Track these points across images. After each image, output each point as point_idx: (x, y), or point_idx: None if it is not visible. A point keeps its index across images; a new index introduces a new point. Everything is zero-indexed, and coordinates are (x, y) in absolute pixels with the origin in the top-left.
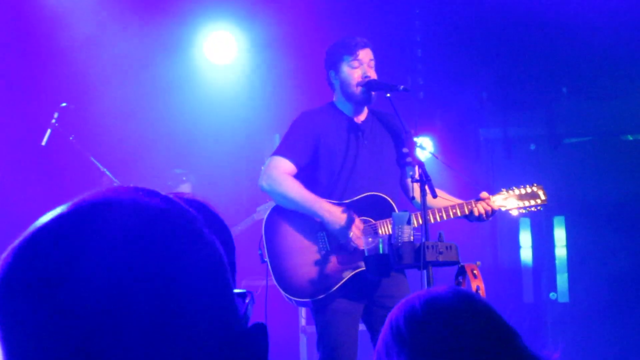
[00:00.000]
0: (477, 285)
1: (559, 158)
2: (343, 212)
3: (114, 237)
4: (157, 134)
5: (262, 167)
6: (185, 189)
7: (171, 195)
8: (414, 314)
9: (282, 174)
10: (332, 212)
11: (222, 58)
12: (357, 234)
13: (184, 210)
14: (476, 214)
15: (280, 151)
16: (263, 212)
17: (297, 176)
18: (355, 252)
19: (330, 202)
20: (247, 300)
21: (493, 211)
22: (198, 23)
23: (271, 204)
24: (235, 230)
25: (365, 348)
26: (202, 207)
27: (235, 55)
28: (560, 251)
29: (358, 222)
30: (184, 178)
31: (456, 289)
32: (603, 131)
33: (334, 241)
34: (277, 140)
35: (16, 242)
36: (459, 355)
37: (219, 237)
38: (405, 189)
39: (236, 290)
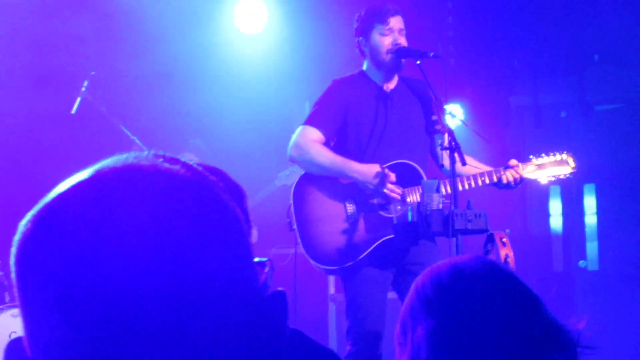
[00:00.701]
0: (505, 253)
1: (590, 125)
2: (374, 169)
3: (136, 204)
4: (185, 103)
5: (292, 136)
6: (188, 156)
7: (192, 163)
8: (441, 281)
9: (311, 141)
10: (364, 172)
11: (252, 27)
12: (391, 187)
13: (205, 177)
14: (505, 181)
15: (310, 120)
16: (284, 178)
17: (327, 143)
18: (383, 219)
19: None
20: (266, 270)
21: (522, 179)
22: None
23: (293, 170)
24: (257, 198)
25: (395, 315)
26: (221, 175)
27: (265, 23)
28: (591, 219)
29: (392, 176)
30: (191, 145)
31: (481, 258)
32: (634, 98)
33: (362, 209)
34: (307, 109)
35: (35, 210)
36: (484, 321)
37: (239, 205)
38: (435, 157)
39: (256, 259)
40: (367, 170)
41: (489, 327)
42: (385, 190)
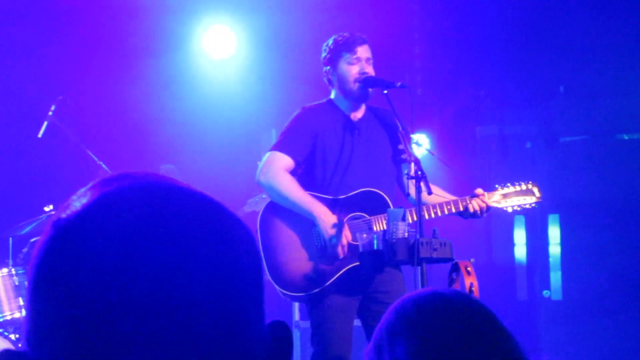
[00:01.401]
0: (470, 282)
1: (555, 156)
2: (334, 217)
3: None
4: (154, 128)
5: (259, 162)
6: None
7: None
8: (423, 303)
9: (279, 169)
10: (326, 218)
11: (221, 52)
12: (342, 242)
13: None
14: (471, 210)
15: (279, 146)
16: (253, 204)
17: (294, 171)
18: (350, 248)
19: (325, 199)
20: None
21: (488, 208)
22: (196, 17)
23: (262, 197)
24: None
25: (359, 343)
26: None
27: (234, 49)
28: (554, 249)
29: (347, 233)
30: (162, 171)
31: (460, 291)
32: (599, 130)
33: (324, 240)
34: (274, 135)
35: (44, 235)
36: (453, 356)
37: None
38: (401, 186)
39: None
40: (329, 219)
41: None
42: (336, 245)
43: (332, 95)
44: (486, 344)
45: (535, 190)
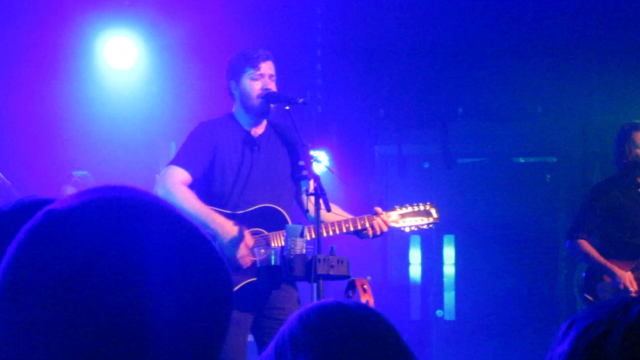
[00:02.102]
0: (366, 299)
1: (452, 177)
2: (235, 228)
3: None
4: (53, 137)
5: (157, 176)
6: (69, 190)
7: None
8: (312, 322)
9: (177, 183)
10: (225, 228)
11: (122, 63)
12: (243, 252)
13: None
14: (369, 230)
15: (177, 161)
16: None
17: (193, 186)
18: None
19: (224, 213)
20: None
21: (386, 227)
22: (99, 27)
23: None
24: None
25: (253, 358)
26: None
27: (135, 60)
28: (449, 269)
29: (248, 240)
30: (74, 178)
31: (358, 303)
32: (496, 153)
33: (225, 251)
34: (173, 149)
35: (15, 244)
36: None
37: None
38: (300, 202)
39: None
40: (229, 228)
41: None
42: (237, 254)
43: (234, 110)
44: (388, 356)
45: (433, 211)
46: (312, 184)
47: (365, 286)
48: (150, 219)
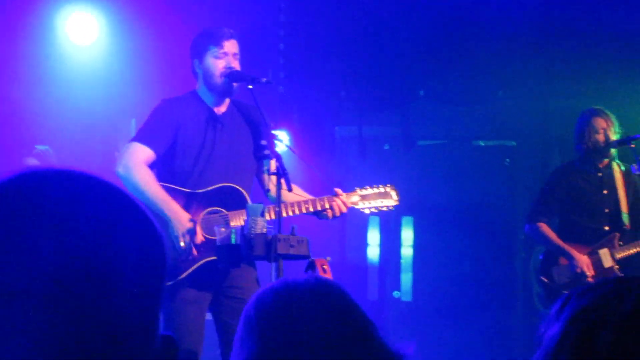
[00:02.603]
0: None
1: (412, 159)
2: (188, 223)
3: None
4: (16, 113)
5: (117, 153)
6: (31, 162)
7: None
8: (266, 303)
9: (138, 162)
10: (179, 218)
11: (84, 39)
12: (187, 248)
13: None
14: (328, 211)
15: (139, 137)
16: None
17: (154, 163)
18: (206, 242)
19: (183, 192)
20: None
21: (345, 208)
22: (60, 2)
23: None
24: None
25: (211, 337)
26: None
27: (97, 36)
28: (407, 251)
29: (199, 235)
30: (36, 151)
31: (313, 278)
32: (456, 135)
33: (174, 241)
34: (133, 125)
35: None
36: (314, 345)
37: None
38: (261, 182)
39: None
40: (182, 218)
41: (320, 351)
42: (182, 245)
43: (197, 88)
44: (343, 324)
45: (393, 193)
46: (273, 163)
47: (325, 266)
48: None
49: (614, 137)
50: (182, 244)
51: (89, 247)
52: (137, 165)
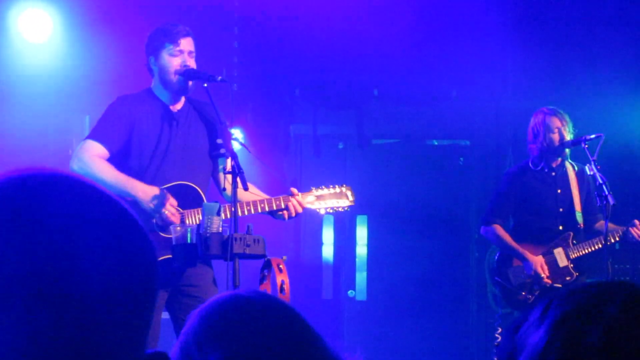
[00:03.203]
0: (282, 279)
1: (366, 158)
2: (156, 190)
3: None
4: None
5: (71, 151)
6: None
7: None
8: (214, 320)
9: (93, 156)
10: (146, 192)
11: (37, 36)
12: (171, 210)
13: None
14: (284, 212)
15: (93, 135)
16: None
17: (109, 160)
18: (162, 240)
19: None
20: None
21: (301, 208)
22: None
23: None
24: None
25: (167, 336)
26: None
27: (50, 33)
28: (361, 250)
29: (171, 199)
30: None
31: (263, 292)
32: (410, 134)
33: (152, 213)
34: (87, 123)
35: None
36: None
37: None
38: (217, 180)
39: None
40: (149, 191)
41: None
42: (164, 212)
43: (152, 85)
44: (294, 345)
45: (349, 193)
46: (229, 162)
47: (281, 266)
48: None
49: (569, 136)
50: (164, 210)
51: (63, 247)
52: (91, 158)
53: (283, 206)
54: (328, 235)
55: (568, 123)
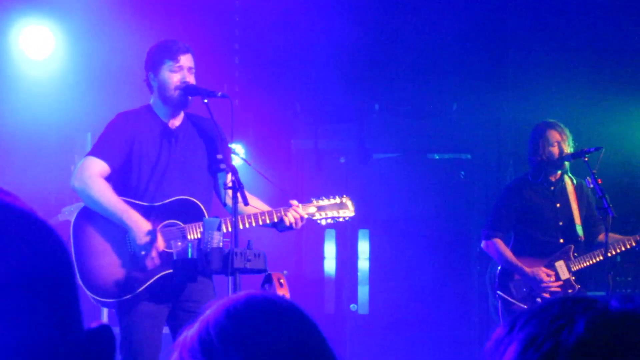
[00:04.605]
0: (282, 294)
1: (368, 172)
2: (148, 228)
3: None
4: None
5: (73, 167)
6: None
7: None
8: (237, 317)
9: (94, 175)
10: (139, 226)
11: (39, 53)
12: (153, 257)
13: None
14: (286, 222)
15: (95, 152)
16: (68, 213)
17: (110, 177)
18: (163, 255)
19: (140, 205)
20: None
21: (302, 219)
22: (14, 15)
23: (78, 206)
24: None
25: (168, 351)
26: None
27: (51, 50)
28: (363, 263)
29: (160, 242)
30: None
31: (280, 295)
32: (411, 149)
33: (135, 249)
34: (89, 139)
35: None
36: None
37: None
38: (218, 195)
39: None
40: (142, 227)
41: None
42: (147, 257)
43: (152, 101)
44: (312, 348)
45: (350, 204)
46: (229, 176)
47: (281, 280)
48: None
49: (568, 150)
50: (142, 252)
51: None
52: (92, 177)
53: (284, 218)
54: (330, 249)
55: (568, 137)
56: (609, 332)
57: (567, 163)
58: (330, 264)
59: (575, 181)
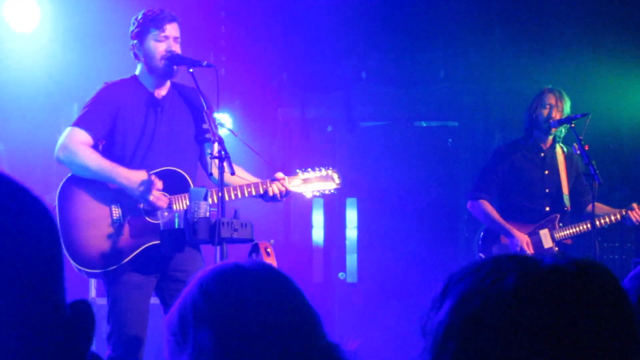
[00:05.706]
0: (269, 263)
1: (355, 141)
2: (141, 175)
3: None
4: None
5: (60, 137)
6: None
7: None
8: (208, 293)
9: (78, 143)
10: (131, 178)
11: (24, 25)
12: (157, 195)
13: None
14: (271, 194)
15: (79, 122)
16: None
17: (95, 148)
18: (149, 225)
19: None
20: None
21: (287, 192)
22: None
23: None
24: None
25: (156, 321)
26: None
27: (37, 21)
28: (351, 232)
29: (157, 183)
30: None
31: (258, 262)
32: (398, 117)
33: (128, 213)
34: (75, 110)
35: None
36: (259, 328)
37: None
38: (205, 165)
39: None
40: (135, 177)
41: (270, 342)
42: (150, 198)
43: (137, 71)
44: (289, 314)
45: (335, 176)
46: (215, 146)
47: (268, 249)
48: None
49: (557, 116)
50: (150, 196)
51: None
52: (76, 145)
53: (269, 190)
54: (318, 219)
55: (564, 104)
56: (537, 285)
57: (558, 131)
58: (318, 233)
59: (566, 150)
